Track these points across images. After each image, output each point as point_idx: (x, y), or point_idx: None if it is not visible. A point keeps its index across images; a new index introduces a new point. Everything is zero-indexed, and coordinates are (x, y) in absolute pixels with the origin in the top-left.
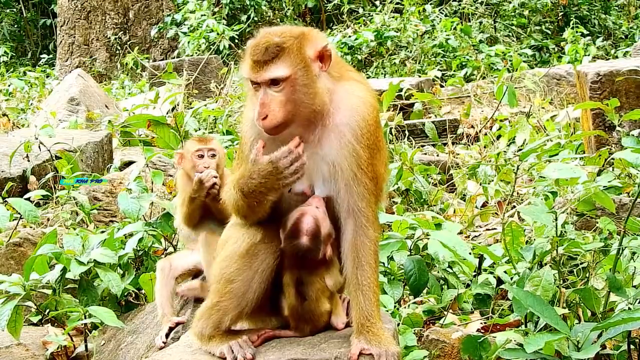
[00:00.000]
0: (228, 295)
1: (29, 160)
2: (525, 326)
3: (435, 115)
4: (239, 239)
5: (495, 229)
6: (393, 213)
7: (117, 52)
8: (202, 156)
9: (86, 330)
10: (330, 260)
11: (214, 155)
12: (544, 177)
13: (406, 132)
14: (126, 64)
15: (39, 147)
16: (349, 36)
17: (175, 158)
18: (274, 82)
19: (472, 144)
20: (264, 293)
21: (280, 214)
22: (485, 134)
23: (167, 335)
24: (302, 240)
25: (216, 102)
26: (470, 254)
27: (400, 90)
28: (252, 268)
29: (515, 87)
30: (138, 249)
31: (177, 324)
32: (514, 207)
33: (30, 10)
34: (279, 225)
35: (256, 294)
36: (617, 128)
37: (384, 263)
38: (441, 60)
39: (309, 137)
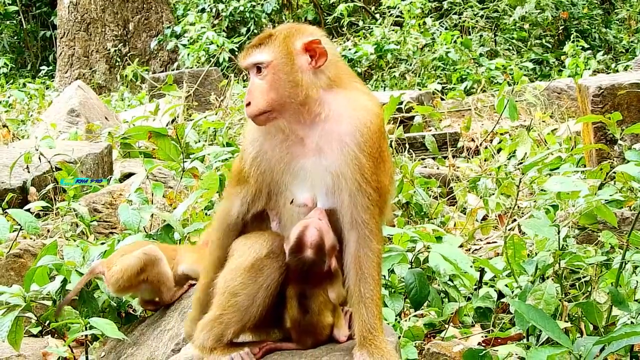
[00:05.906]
0: (231, 309)
1: (29, 172)
2: (527, 340)
3: (436, 129)
4: (244, 253)
5: (496, 242)
6: (394, 226)
7: (117, 64)
8: None
9: (87, 342)
10: (335, 272)
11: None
12: (545, 191)
13: (406, 145)
14: (126, 75)
15: (39, 158)
16: (349, 49)
17: None
18: (258, 69)
19: (473, 157)
20: (268, 307)
21: (283, 226)
22: (486, 147)
23: None
24: (307, 254)
25: (216, 114)
26: (471, 267)
27: (401, 103)
28: (257, 283)
29: (516, 101)
30: None
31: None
32: (515, 220)
33: (30, 22)
34: (284, 239)
35: (260, 308)
36: (619, 142)
37: (385, 276)
38: (441, 74)
39: (306, 136)
